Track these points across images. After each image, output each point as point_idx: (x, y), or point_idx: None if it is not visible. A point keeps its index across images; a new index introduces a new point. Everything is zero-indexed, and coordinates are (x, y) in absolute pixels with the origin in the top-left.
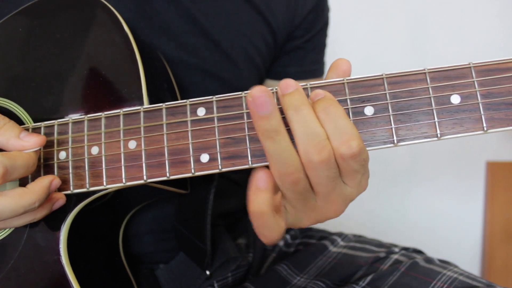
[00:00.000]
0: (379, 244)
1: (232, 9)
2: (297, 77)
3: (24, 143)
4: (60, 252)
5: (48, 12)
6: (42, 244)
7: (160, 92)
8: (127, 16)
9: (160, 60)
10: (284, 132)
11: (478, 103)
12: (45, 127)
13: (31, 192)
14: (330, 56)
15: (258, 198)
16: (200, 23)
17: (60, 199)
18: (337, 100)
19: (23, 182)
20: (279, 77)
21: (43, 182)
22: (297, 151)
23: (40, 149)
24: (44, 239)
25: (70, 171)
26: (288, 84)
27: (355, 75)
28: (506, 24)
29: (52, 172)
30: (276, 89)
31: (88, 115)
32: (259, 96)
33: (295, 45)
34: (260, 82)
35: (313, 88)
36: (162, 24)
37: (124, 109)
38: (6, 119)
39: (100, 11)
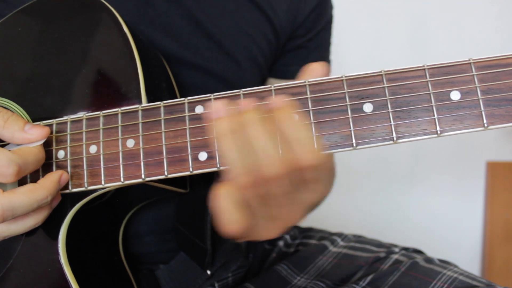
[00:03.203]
0: (379, 244)
1: (234, 8)
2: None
3: (29, 136)
4: (59, 252)
5: (47, 12)
6: (41, 244)
7: (158, 91)
8: (129, 18)
9: (159, 59)
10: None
11: (478, 99)
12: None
13: (42, 187)
14: (332, 56)
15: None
16: (202, 24)
17: (56, 196)
18: (336, 97)
19: (21, 181)
20: (282, 76)
21: (53, 177)
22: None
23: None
24: (43, 238)
25: (69, 170)
26: (245, 104)
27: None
28: (506, 24)
29: (50, 172)
30: (273, 87)
31: (87, 114)
32: (216, 104)
33: (297, 44)
34: (262, 81)
35: (311, 85)
36: (164, 25)
37: (122, 108)
38: (9, 113)
39: (99, 10)
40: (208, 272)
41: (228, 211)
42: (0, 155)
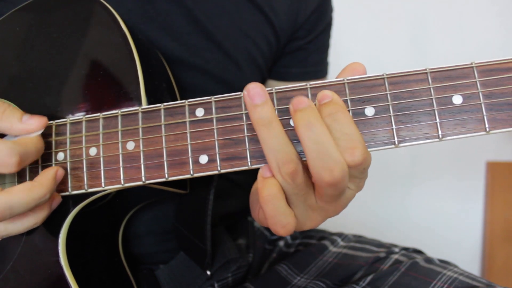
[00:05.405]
0: (379, 244)
1: (234, 9)
2: (300, 78)
3: (27, 126)
4: (59, 254)
5: (46, 11)
6: (41, 246)
7: (159, 92)
8: (128, 16)
9: (159, 59)
10: (278, 121)
11: (480, 103)
12: None
13: (40, 185)
14: (332, 56)
15: (267, 183)
16: (202, 24)
17: (56, 197)
18: None
19: (19, 181)
20: (281, 77)
21: (49, 174)
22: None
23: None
24: (42, 240)
25: (68, 172)
26: (301, 101)
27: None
28: (506, 24)
29: None
30: (274, 89)
31: (86, 116)
32: (253, 87)
33: (298, 45)
34: (262, 82)
35: (312, 88)
36: (164, 24)
37: (122, 110)
38: (6, 104)
39: (98, 10)
40: (208, 272)
41: (279, 211)
42: (1, 145)
